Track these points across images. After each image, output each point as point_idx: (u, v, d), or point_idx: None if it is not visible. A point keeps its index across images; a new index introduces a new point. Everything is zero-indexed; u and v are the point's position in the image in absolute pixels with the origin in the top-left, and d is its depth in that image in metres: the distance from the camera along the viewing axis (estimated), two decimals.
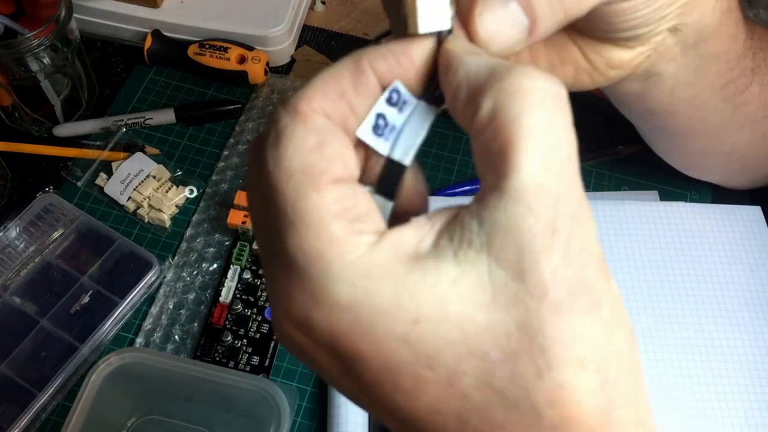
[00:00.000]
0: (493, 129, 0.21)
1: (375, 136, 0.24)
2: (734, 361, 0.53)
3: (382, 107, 0.24)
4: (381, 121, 0.24)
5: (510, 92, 0.21)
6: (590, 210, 0.21)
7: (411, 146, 0.24)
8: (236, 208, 0.59)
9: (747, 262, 0.58)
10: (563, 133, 0.21)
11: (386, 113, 0.24)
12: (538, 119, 0.20)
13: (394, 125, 0.24)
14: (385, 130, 0.24)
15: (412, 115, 0.24)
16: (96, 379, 0.49)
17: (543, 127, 0.20)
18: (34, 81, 0.61)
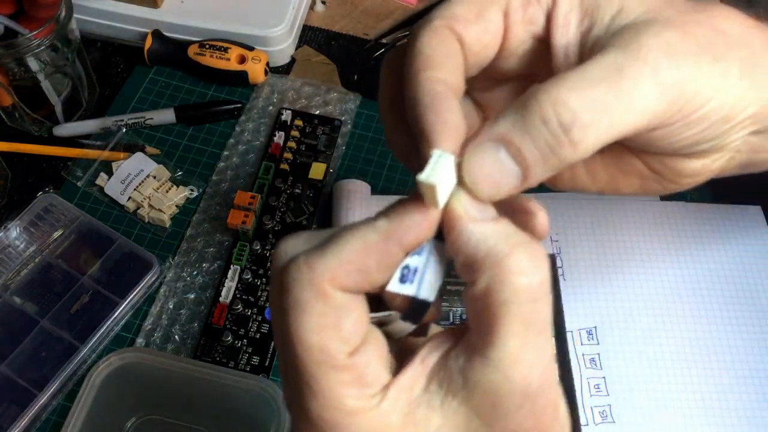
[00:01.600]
0: (484, 303, 0.25)
1: (402, 284, 0.26)
2: (734, 361, 0.53)
3: (406, 260, 0.26)
4: (405, 270, 0.26)
5: (503, 282, 0.24)
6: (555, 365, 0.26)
7: (434, 287, 0.27)
8: (236, 208, 0.59)
9: (747, 262, 0.58)
10: (540, 317, 0.25)
11: (410, 263, 0.26)
12: (522, 310, 0.24)
13: (416, 268, 0.27)
14: (409, 275, 0.26)
15: (430, 256, 0.27)
16: (96, 379, 0.50)
17: (524, 315, 0.24)
18: (34, 81, 0.61)
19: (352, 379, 0.26)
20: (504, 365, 0.25)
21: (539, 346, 0.25)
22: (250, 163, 0.64)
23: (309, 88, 0.68)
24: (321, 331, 0.25)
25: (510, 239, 0.25)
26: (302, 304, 0.25)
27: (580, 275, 0.57)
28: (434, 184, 0.25)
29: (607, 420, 0.51)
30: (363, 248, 0.26)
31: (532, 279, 0.25)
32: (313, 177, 0.62)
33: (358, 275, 0.26)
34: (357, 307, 0.26)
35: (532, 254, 0.25)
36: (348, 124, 0.66)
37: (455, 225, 0.26)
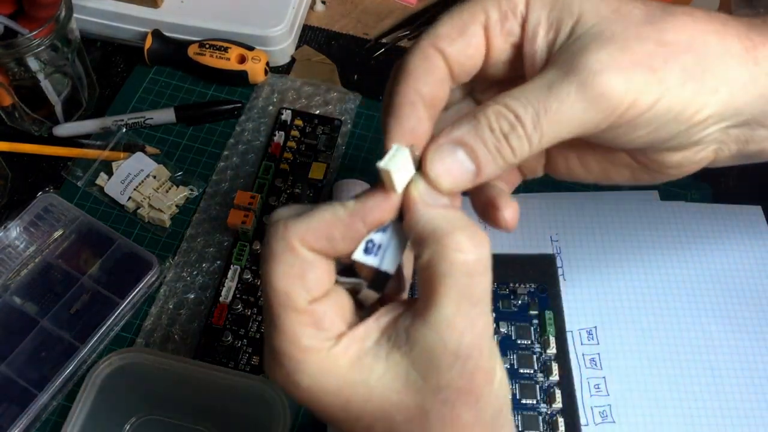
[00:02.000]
0: (427, 273, 0.30)
1: (365, 255, 0.31)
2: (734, 361, 0.53)
3: (371, 235, 0.31)
4: (370, 244, 0.31)
5: (441, 256, 0.29)
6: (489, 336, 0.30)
7: (394, 260, 0.32)
8: (236, 208, 0.59)
9: (747, 262, 0.58)
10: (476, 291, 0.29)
11: (373, 238, 0.31)
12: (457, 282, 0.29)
13: (380, 244, 0.31)
14: (374, 249, 0.31)
15: (393, 234, 0.32)
16: (96, 379, 0.50)
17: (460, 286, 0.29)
18: (34, 81, 0.61)
19: (310, 321, 0.30)
20: (439, 327, 0.29)
21: (472, 316, 0.29)
22: (250, 163, 0.64)
23: (309, 88, 0.68)
24: (287, 278, 0.30)
25: (453, 222, 0.30)
26: (275, 255, 0.31)
27: (580, 275, 0.57)
28: (390, 171, 0.30)
29: (607, 420, 0.51)
30: (331, 220, 0.31)
31: (468, 256, 0.29)
32: (313, 177, 0.62)
33: (325, 241, 0.31)
34: (321, 266, 0.31)
35: (470, 236, 0.29)
36: (348, 124, 0.66)
37: (410, 207, 0.31)
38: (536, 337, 0.54)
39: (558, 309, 0.55)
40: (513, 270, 0.57)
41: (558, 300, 0.56)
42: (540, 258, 0.57)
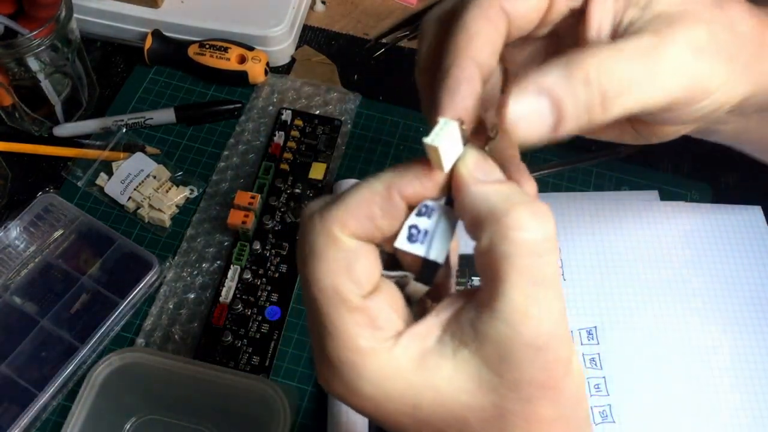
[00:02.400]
0: (488, 258, 0.26)
1: (410, 243, 0.28)
2: (734, 361, 0.53)
3: (414, 220, 0.28)
4: (414, 230, 0.28)
5: (503, 236, 0.26)
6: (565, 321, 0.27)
7: (443, 248, 0.28)
8: (236, 208, 0.59)
9: (747, 262, 0.58)
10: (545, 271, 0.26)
11: (418, 223, 0.28)
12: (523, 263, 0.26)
13: (426, 230, 0.28)
14: (419, 236, 0.28)
15: (440, 219, 0.28)
16: (96, 379, 0.50)
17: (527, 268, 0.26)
18: (34, 81, 0.61)
19: (365, 320, 0.27)
20: (511, 318, 0.26)
21: (546, 300, 0.26)
22: (250, 163, 0.64)
23: (309, 88, 0.68)
24: (333, 273, 0.27)
25: (511, 198, 0.27)
26: (316, 250, 0.28)
27: (580, 275, 0.57)
28: (437, 147, 0.27)
29: (607, 420, 0.51)
30: (368, 195, 0.28)
31: (533, 234, 0.26)
32: (313, 177, 0.62)
33: (366, 221, 0.28)
34: (367, 255, 0.28)
35: (533, 211, 0.26)
36: (348, 124, 0.66)
37: (461, 187, 0.28)
38: None
39: None
40: None
41: None
42: None
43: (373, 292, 0.28)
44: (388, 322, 0.28)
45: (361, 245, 0.28)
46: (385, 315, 0.28)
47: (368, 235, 0.28)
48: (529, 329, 0.26)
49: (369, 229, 0.28)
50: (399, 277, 0.30)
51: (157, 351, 0.54)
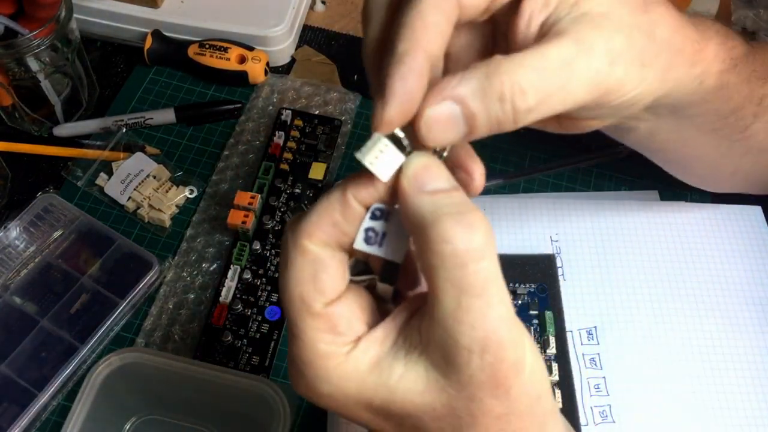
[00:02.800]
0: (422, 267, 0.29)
1: (368, 245, 0.30)
2: (734, 361, 0.53)
3: (369, 223, 0.30)
4: (371, 233, 0.30)
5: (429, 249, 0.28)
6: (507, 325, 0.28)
7: (399, 248, 0.30)
8: (236, 208, 0.59)
9: (747, 262, 0.58)
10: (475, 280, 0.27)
11: (373, 226, 0.30)
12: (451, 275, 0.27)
13: (383, 232, 0.30)
14: (376, 239, 0.30)
15: (394, 221, 0.30)
16: (96, 379, 0.49)
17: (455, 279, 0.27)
18: (34, 81, 0.61)
19: (326, 326, 0.30)
20: (445, 324, 0.28)
21: (477, 308, 0.28)
22: (250, 163, 0.64)
23: (309, 88, 0.68)
24: (300, 282, 0.30)
25: (439, 209, 0.28)
26: (288, 261, 0.30)
27: (580, 275, 0.57)
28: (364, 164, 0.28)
29: (607, 420, 0.51)
30: (328, 204, 0.30)
31: (458, 245, 0.27)
32: (313, 177, 0.62)
33: (330, 228, 0.30)
34: (334, 264, 0.30)
35: (457, 222, 0.27)
36: (348, 124, 0.66)
37: (399, 195, 0.29)
38: (536, 337, 0.54)
39: (558, 309, 0.55)
40: (513, 270, 0.57)
41: (558, 300, 0.56)
42: (540, 258, 0.57)
43: (337, 299, 0.30)
44: (348, 327, 0.30)
45: (329, 254, 0.30)
46: (346, 321, 0.30)
47: (336, 241, 0.30)
48: (463, 334, 0.28)
49: (335, 235, 0.30)
50: (368, 280, 0.32)
51: (157, 351, 0.54)
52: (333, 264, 0.30)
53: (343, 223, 0.30)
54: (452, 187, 0.29)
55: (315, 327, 0.30)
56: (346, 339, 0.30)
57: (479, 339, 0.28)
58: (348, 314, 0.30)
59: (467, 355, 0.28)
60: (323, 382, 0.30)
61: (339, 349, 0.30)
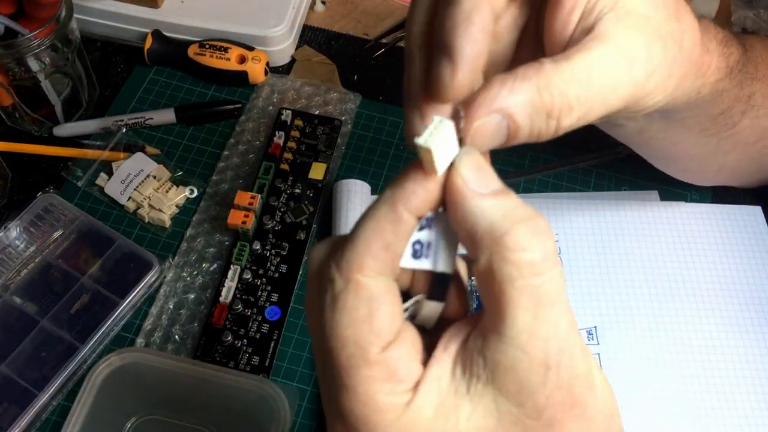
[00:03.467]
0: (489, 279, 0.25)
1: (415, 259, 0.26)
2: (734, 361, 0.53)
3: (415, 236, 0.26)
4: (417, 245, 0.26)
5: (503, 258, 0.25)
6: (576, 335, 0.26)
7: (450, 257, 0.27)
8: (236, 208, 0.59)
9: (747, 262, 0.58)
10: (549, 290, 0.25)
11: (420, 238, 0.26)
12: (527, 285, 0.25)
13: (429, 242, 0.27)
14: (423, 250, 0.27)
15: (441, 228, 0.27)
16: (96, 379, 0.50)
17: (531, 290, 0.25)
18: (34, 81, 0.61)
19: (385, 374, 0.26)
20: (519, 341, 0.25)
21: (552, 318, 0.25)
22: (250, 163, 0.64)
23: (309, 88, 0.68)
24: (354, 324, 0.26)
25: (509, 215, 0.25)
26: (336, 300, 0.26)
27: (580, 275, 0.57)
28: (431, 149, 0.25)
29: None
30: (376, 224, 0.26)
31: (534, 254, 0.25)
32: (313, 177, 0.62)
33: (383, 252, 0.26)
34: (390, 299, 0.26)
35: (532, 230, 0.25)
36: (348, 124, 0.66)
37: (456, 199, 0.26)
38: None
39: None
40: None
41: None
42: None
43: (395, 339, 0.27)
44: (407, 373, 0.26)
45: (384, 286, 0.26)
46: (405, 366, 0.26)
47: (391, 267, 0.26)
48: (538, 349, 0.25)
49: (388, 259, 0.26)
50: (412, 304, 0.28)
51: (157, 351, 0.54)
52: (389, 299, 0.26)
53: (396, 243, 0.26)
54: (505, 187, 0.27)
55: (372, 376, 0.26)
56: (406, 386, 0.26)
57: (555, 351, 0.25)
58: (406, 356, 0.27)
59: (544, 372, 0.25)
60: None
61: (400, 398, 0.26)
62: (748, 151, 0.51)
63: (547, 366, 0.25)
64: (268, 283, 0.57)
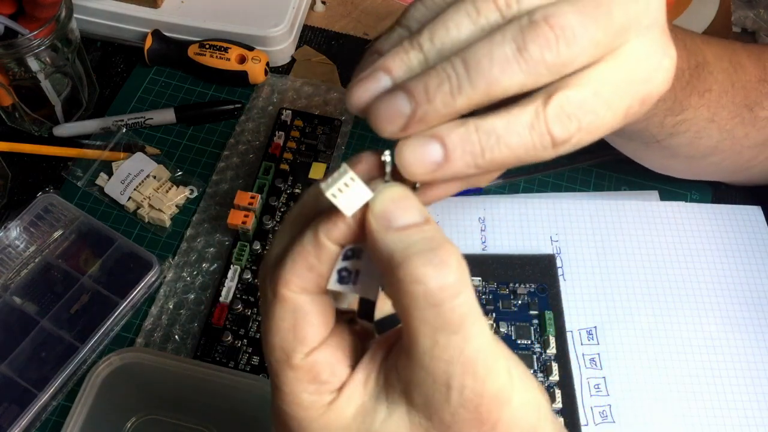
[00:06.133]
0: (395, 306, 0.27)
1: (342, 285, 0.28)
2: (734, 361, 0.53)
3: (341, 264, 0.28)
4: (344, 272, 0.28)
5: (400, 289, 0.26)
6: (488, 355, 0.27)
7: (374, 286, 0.28)
8: (236, 208, 0.59)
9: (747, 262, 0.58)
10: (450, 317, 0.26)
11: (346, 266, 0.28)
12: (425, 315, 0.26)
13: (356, 270, 0.28)
14: (350, 277, 0.28)
15: (367, 258, 0.28)
16: (96, 379, 0.50)
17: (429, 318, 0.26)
18: (34, 81, 0.61)
19: (309, 377, 0.29)
20: (422, 362, 0.26)
21: (454, 344, 0.26)
22: (250, 163, 0.64)
23: (309, 88, 0.68)
24: (280, 333, 0.29)
25: (409, 248, 0.26)
26: (268, 311, 0.29)
27: (580, 275, 0.57)
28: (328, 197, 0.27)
29: (607, 420, 0.51)
30: (302, 247, 0.28)
31: (428, 285, 0.25)
32: (313, 177, 0.62)
33: (307, 272, 0.28)
34: (315, 310, 0.29)
35: (428, 260, 0.26)
36: (348, 124, 0.66)
37: (367, 233, 0.27)
38: (536, 337, 0.54)
39: (558, 309, 0.55)
40: (513, 270, 0.57)
41: (558, 300, 0.56)
42: (540, 258, 0.57)
43: (319, 346, 0.29)
44: (331, 375, 0.29)
45: (308, 300, 0.29)
46: (330, 368, 0.29)
47: (315, 285, 0.28)
48: (440, 371, 0.26)
49: (313, 278, 0.28)
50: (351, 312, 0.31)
51: (157, 351, 0.54)
52: (314, 310, 0.29)
53: (319, 265, 0.28)
54: (424, 219, 0.27)
55: (297, 378, 0.29)
56: (330, 387, 0.29)
57: (458, 374, 0.26)
58: (331, 360, 0.29)
59: (446, 392, 0.27)
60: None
61: (322, 398, 0.29)
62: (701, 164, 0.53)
63: (448, 386, 0.27)
64: None
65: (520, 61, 0.27)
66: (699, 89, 0.47)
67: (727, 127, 0.50)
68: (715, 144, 0.51)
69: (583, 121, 0.28)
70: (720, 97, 0.49)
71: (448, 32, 0.28)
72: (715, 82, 0.48)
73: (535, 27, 0.27)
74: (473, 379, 0.27)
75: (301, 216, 0.30)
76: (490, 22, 0.28)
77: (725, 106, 0.49)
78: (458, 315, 0.26)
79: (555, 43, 0.27)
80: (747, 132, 0.51)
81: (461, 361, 0.26)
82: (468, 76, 0.27)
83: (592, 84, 0.28)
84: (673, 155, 0.53)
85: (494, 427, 0.27)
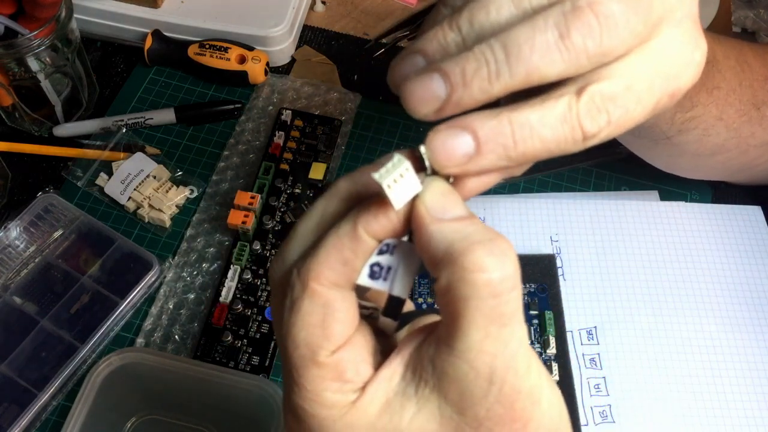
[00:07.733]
0: (447, 299, 0.26)
1: (373, 280, 0.28)
2: (734, 361, 0.53)
3: (375, 258, 0.28)
4: (376, 267, 0.28)
5: (460, 278, 0.25)
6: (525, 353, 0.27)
7: (406, 284, 0.28)
8: (236, 208, 0.59)
9: (747, 262, 0.58)
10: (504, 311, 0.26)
11: (379, 261, 0.28)
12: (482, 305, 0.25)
13: (389, 266, 0.28)
14: (382, 273, 0.28)
15: (402, 255, 0.28)
16: (96, 379, 0.50)
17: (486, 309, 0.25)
18: (34, 81, 0.61)
19: (333, 375, 0.28)
20: (467, 355, 0.26)
21: (503, 338, 0.26)
22: (250, 163, 0.64)
23: (309, 88, 0.68)
24: (307, 328, 0.28)
25: (469, 237, 0.26)
26: (294, 304, 0.28)
27: (580, 275, 0.57)
28: (382, 186, 0.26)
29: (607, 420, 0.51)
30: (337, 241, 0.27)
31: (492, 275, 0.25)
32: (313, 177, 0.62)
33: (341, 266, 0.27)
34: (344, 306, 0.28)
35: (491, 251, 0.26)
36: (348, 124, 0.66)
37: (417, 224, 0.27)
38: (536, 337, 0.54)
39: (558, 309, 0.55)
40: None
41: (558, 300, 0.56)
42: (540, 258, 0.57)
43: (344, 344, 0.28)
44: (356, 373, 0.28)
45: (339, 296, 0.28)
46: (354, 366, 0.28)
47: (347, 280, 0.28)
48: (484, 365, 0.26)
49: (345, 273, 0.28)
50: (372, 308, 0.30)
51: (157, 351, 0.54)
52: (343, 307, 0.28)
53: (354, 260, 0.28)
54: (471, 214, 0.27)
55: (320, 376, 0.28)
56: (353, 386, 0.28)
57: (500, 368, 0.26)
58: (356, 358, 0.28)
59: (487, 386, 0.26)
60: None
61: (346, 397, 0.28)
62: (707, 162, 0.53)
63: (490, 381, 0.26)
64: (268, 283, 0.57)
65: (561, 49, 0.26)
66: (708, 86, 0.47)
67: (735, 125, 0.50)
68: (722, 142, 0.51)
69: (613, 116, 0.28)
70: (728, 95, 0.49)
71: (488, 15, 0.28)
72: (723, 80, 0.48)
73: (579, 13, 0.26)
74: (514, 375, 0.26)
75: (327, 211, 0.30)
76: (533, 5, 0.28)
77: (733, 104, 0.49)
78: (511, 309, 0.26)
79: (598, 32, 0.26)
80: (753, 131, 0.51)
81: (505, 356, 0.26)
82: (507, 62, 0.26)
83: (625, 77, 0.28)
84: (680, 153, 0.53)
85: (525, 425, 0.27)
